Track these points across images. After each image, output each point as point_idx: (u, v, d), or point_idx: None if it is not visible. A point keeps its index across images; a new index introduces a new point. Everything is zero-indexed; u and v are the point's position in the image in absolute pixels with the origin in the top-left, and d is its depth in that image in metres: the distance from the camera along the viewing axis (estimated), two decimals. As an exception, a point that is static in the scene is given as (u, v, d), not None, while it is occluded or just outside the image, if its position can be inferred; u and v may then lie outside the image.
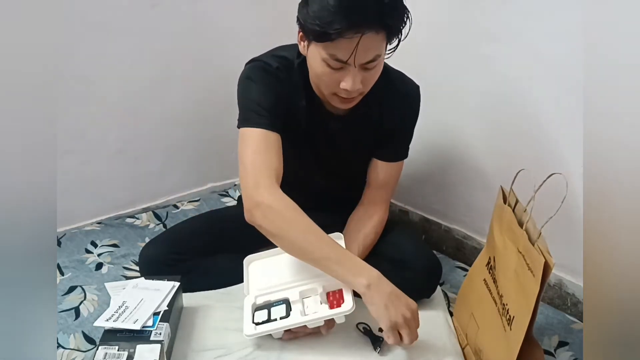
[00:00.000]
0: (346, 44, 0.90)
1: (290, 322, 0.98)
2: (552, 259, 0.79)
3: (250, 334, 0.98)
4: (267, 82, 1.03)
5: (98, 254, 1.39)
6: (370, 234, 1.14)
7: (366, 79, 0.97)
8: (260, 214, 0.95)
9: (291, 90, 1.05)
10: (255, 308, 1.02)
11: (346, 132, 1.12)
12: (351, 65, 0.93)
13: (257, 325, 0.99)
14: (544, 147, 1.17)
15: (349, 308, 0.97)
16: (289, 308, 1.00)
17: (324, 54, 0.93)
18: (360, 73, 0.94)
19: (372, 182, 1.20)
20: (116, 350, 0.89)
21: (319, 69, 0.96)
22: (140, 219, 1.57)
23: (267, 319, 0.99)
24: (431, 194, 1.50)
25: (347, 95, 0.98)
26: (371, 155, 1.19)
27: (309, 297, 1.02)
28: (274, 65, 1.04)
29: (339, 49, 0.91)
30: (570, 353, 1.09)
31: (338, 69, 0.94)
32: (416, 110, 1.15)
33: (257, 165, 0.98)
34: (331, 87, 0.98)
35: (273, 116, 1.01)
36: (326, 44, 0.91)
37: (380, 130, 1.14)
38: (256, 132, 1.00)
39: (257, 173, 0.97)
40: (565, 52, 1.08)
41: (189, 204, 1.65)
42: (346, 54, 0.91)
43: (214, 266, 1.17)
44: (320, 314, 0.98)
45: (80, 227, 1.50)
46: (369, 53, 0.92)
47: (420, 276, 1.12)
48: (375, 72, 0.98)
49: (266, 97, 1.02)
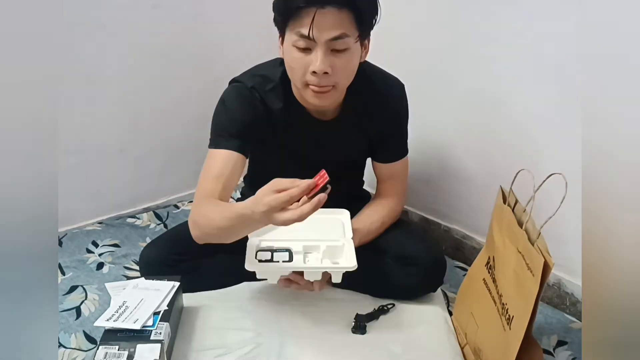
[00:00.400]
0: (307, 18, 0.91)
1: (292, 265, 1.00)
2: (552, 258, 0.79)
3: (252, 268, 0.99)
4: (239, 104, 1.06)
5: (99, 254, 1.39)
6: (376, 220, 1.16)
7: (336, 65, 0.95)
8: (192, 227, 1.00)
9: (267, 106, 1.07)
10: (257, 249, 1.04)
11: (334, 136, 1.13)
12: (317, 44, 0.93)
13: (259, 262, 1.00)
14: (544, 147, 1.18)
15: (352, 265, 0.98)
16: (291, 256, 1.02)
17: (293, 35, 0.94)
18: (328, 56, 0.94)
19: (378, 178, 1.23)
20: (116, 349, 0.89)
21: (291, 56, 0.97)
22: (141, 219, 1.57)
23: (269, 260, 1.01)
24: (431, 194, 1.50)
25: (317, 84, 0.96)
26: (365, 157, 1.23)
27: (311, 253, 1.04)
28: (249, 85, 1.06)
29: (302, 24, 0.92)
30: (569, 352, 1.10)
31: (306, 53, 0.95)
32: (402, 109, 1.16)
33: (201, 185, 1.02)
34: (302, 75, 0.97)
35: (236, 137, 1.04)
36: (293, 22, 0.93)
37: (369, 133, 1.15)
38: (217, 153, 1.04)
39: (198, 193, 1.02)
40: (564, 52, 1.08)
41: (190, 204, 1.65)
42: (307, 28, 0.91)
43: (214, 266, 1.17)
44: (323, 265, 1.01)
45: (81, 227, 1.50)
46: (333, 30, 0.92)
47: (425, 271, 1.13)
48: (345, 59, 0.96)
49: (235, 121, 1.05)
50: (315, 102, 1.01)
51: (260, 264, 1.00)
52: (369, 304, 1.14)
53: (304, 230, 1.05)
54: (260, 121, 1.07)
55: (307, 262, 1.02)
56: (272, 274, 1.01)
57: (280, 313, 1.10)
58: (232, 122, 1.05)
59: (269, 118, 1.08)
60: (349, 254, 1.01)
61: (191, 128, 1.61)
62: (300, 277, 1.03)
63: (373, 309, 1.12)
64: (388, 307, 1.13)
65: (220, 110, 1.08)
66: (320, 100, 1.00)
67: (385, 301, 1.15)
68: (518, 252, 0.88)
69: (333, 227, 1.10)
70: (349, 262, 0.99)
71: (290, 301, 1.14)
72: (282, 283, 1.04)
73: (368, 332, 1.06)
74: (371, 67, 1.10)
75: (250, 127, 1.05)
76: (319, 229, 1.05)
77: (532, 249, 0.83)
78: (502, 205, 0.96)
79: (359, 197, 1.33)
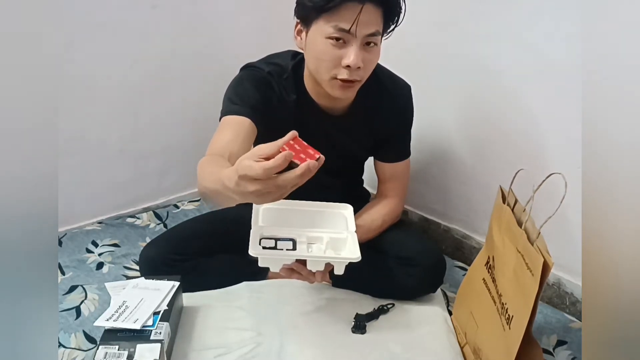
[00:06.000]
0: (350, 12, 0.92)
1: (296, 254, 0.99)
2: (551, 258, 0.79)
3: (256, 254, 0.97)
4: (255, 82, 1.05)
5: (99, 254, 1.39)
6: (377, 219, 1.17)
7: (366, 60, 0.97)
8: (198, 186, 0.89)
9: (282, 92, 1.07)
10: (262, 237, 1.03)
11: (343, 133, 1.14)
12: (354, 38, 0.94)
13: (263, 249, 0.99)
14: (543, 147, 1.18)
15: (356, 257, 0.98)
16: (294, 245, 1.01)
17: (328, 27, 0.94)
18: (361, 51, 0.95)
19: (380, 179, 1.23)
20: (116, 349, 0.89)
21: (321, 48, 0.96)
22: (140, 218, 1.57)
23: (273, 247, 1.00)
24: (430, 194, 1.50)
25: (348, 76, 0.97)
26: (367, 155, 1.23)
27: (314, 244, 1.04)
28: (265, 70, 1.06)
29: (342, 17, 0.92)
30: (569, 352, 1.10)
31: (340, 46, 0.95)
32: (409, 110, 1.17)
33: (211, 144, 0.97)
34: (332, 67, 0.97)
35: (249, 107, 1.01)
36: (329, 15, 0.93)
37: (375, 132, 1.15)
38: (226, 118, 1.01)
39: (208, 150, 0.95)
40: (564, 52, 1.08)
41: (190, 204, 1.66)
42: (349, 22, 0.92)
43: (214, 266, 1.17)
44: (327, 255, 1.00)
45: (81, 227, 1.50)
46: (370, 26, 0.94)
47: (425, 272, 1.14)
48: (374, 55, 0.99)
49: (249, 93, 1.03)
50: (339, 94, 1.01)
51: (265, 250, 0.99)
52: (369, 304, 1.14)
53: (307, 222, 1.06)
54: (273, 107, 1.06)
55: (310, 252, 1.02)
56: (274, 261, 1.00)
57: (280, 313, 1.10)
58: (248, 97, 1.03)
59: (282, 107, 1.07)
60: (352, 246, 1.01)
61: (191, 128, 1.62)
62: (303, 266, 1.01)
63: (373, 308, 1.12)
64: (388, 307, 1.13)
65: (237, 85, 1.06)
66: (345, 92, 1.01)
67: (385, 301, 1.15)
68: (517, 252, 0.88)
69: (336, 221, 1.10)
70: (353, 253, 0.99)
71: (291, 301, 1.14)
72: (284, 272, 1.03)
73: (368, 332, 1.06)
74: (379, 67, 1.11)
75: (264, 109, 1.03)
76: (323, 222, 1.06)
77: (532, 248, 0.83)
78: (501, 205, 0.96)
79: (359, 196, 1.34)
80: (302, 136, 0.92)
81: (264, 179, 0.65)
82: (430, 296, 1.18)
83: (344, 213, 1.12)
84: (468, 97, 1.32)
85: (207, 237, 1.19)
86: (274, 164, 0.64)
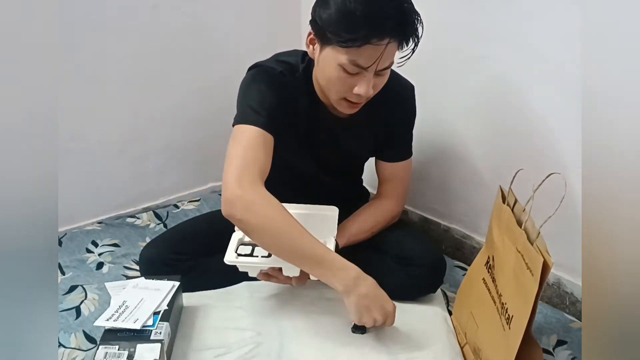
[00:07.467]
0: (371, 51, 0.90)
1: (269, 262, 1.02)
2: (551, 258, 0.79)
3: (231, 260, 1.02)
4: (270, 84, 1.03)
5: (99, 254, 1.39)
6: (367, 222, 1.17)
7: (377, 85, 0.98)
8: (242, 207, 0.92)
9: (294, 92, 1.06)
10: (240, 243, 1.06)
11: (348, 133, 1.14)
12: (368, 72, 0.93)
13: (239, 256, 1.02)
14: (543, 147, 1.18)
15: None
16: None
17: (344, 59, 0.92)
18: (373, 79, 0.95)
19: (380, 179, 1.23)
20: (116, 349, 0.89)
21: (333, 74, 0.95)
22: (140, 218, 1.57)
23: (249, 254, 1.04)
24: (430, 194, 1.50)
25: (358, 100, 0.98)
26: (370, 155, 1.23)
27: None
28: (278, 69, 1.05)
29: (363, 55, 0.90)
30: (569, 352, 1.10)
31: (353, 75, 0.94)
32: (412, 110, 1.17)
33: (246, 161, 0.95)
34: (342, 92, 0.97)
35: (270, 118, 1.00)
36: (349, 49, 0.90)
37: (380, 130, 1.15)
38: (251, 130, 0.98)
39: (244, 168, 0.94)
40: (564, 52, 1.08)
41: (190, 204, 1.66)
42: (369, 60, 0.91)
43: (214, 266, 1.17)
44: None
45: (81, 227, 1.50)
46: (387, 60, 0.94)
47: (425, 272, 1.13)
48: (385, 77, 0.99)
49: (266, 98, 1.01)
50: (347, 111, 1.02)
51: (239, 258, 1.02)
52: (369, 303, 1.14)
53: None
54: (288, 109, 1.05)
55: None
56: (249, 268, 1.03)
57: (280, 313, 1.11)
58: (266, 104, 1.00)
59: (293, 106, 1.07)
60: None
61: (191, 128, 1.62)
62: (279, 272, 1.04)
63: (373, 308, 1.12)
64: (388, 307, 1.13)
65: (253, 87, 1.03)
66: (352, 110, 1.02)
67: (385, 301, 1.15)
68: (517, 252, 0.88)
69: (321, 223, 1.09)
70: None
71: (291, 301, 1.14)
72: (261, 277, 1.06)
73: (368, 332, 1.06)
74: None
75: (281, 114, 1.02)
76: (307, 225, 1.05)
77: (532, 248, 0.83)
78: (501, 204, 0.96)
79: (358, 196, 1.34)
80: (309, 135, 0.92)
81: (384, 320, 0.98)
82: (430, 296, 1.18)
83: (328, 215, 1.12)
84: (468, 97, 1.32)
85: (207, 237, 1.19)
86: None
